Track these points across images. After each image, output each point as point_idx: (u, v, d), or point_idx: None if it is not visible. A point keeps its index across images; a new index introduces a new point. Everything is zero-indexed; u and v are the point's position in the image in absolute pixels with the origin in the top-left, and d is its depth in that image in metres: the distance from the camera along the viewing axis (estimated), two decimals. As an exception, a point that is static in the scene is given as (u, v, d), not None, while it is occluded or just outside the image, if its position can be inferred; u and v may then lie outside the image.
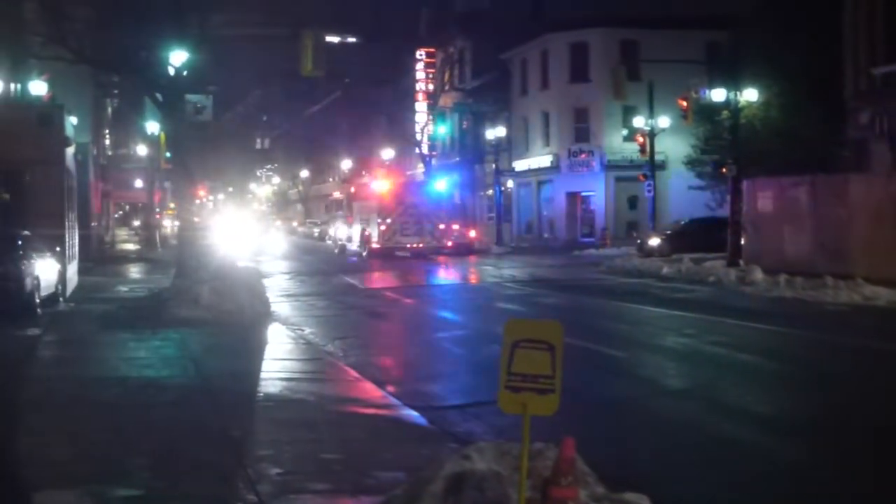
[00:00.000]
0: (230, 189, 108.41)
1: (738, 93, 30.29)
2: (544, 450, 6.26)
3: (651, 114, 39.31)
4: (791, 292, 22.34)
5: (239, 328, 16.61)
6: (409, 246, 41.48)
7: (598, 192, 48.86)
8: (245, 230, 49.97)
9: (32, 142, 21.35)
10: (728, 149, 31.69)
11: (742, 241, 28.62)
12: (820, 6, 30.44)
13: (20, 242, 18.23)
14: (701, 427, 9.56)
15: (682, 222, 39.19)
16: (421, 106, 62.78)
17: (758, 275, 24.54)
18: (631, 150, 45.02)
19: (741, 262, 27.65)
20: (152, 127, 46.61)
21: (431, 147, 60.32)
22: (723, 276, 25.67)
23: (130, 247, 51.14)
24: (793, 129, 30.61)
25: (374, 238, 41.60)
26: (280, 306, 20.82)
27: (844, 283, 21.97)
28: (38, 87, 26.91)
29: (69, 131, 23.98)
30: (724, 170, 31.32)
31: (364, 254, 42.34)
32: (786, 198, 26.35)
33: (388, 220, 41.09)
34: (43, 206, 21.45)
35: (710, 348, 14.59)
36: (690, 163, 39.24)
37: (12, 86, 26.80)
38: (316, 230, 74.58)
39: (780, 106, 31.89)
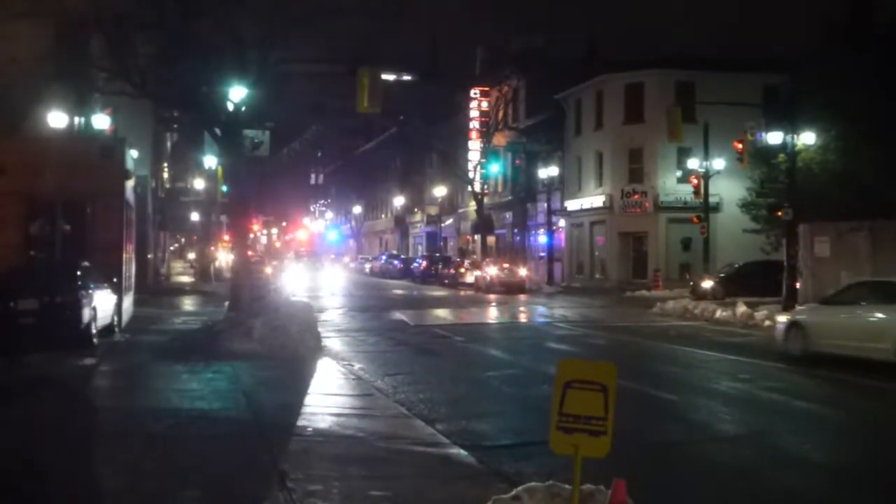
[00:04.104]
0: (284, 223, 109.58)
1: (795, 136, 29.97)
2: (595, 493, 6.19)
3: (706, 156, 39.04)
4: (848, 339, 21.85)
5: (290, 362, 16.71)
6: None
7: (651, 234, 48.54)
8: (298, 264, 50.36)
9: (94, 174, 21.80)
10: (784, 192, 31.31)
11: (798, 286, 28.21)
12: (879, 48, 30.09)
13: (79, 273, 18.54)
14: (755, 474, 9.37)
15: (737, 265, 38.71)
16: (474, 144, 63.05)
17: (814, 320, 24.07)
18: (685, 191, 44.72)
19: (797, 306, 27.22)
20: (210, 161, 47.36)
21: (484, 185, 60.48)
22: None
23: (185, 279, 51.77)
24: (851, 173, 30.15)
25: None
26: (331, 341, 20.93)
27: (904, 331, 21.47)
28: (101, 121, 27.51)
29: (130, 164, 24.47)
30: (779, 213, 30.94)
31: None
32: (843, 243, 25.98)
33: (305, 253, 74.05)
34: (102, 237, 21.85)
35: (764, 394, 14.35)
36: (745, 206, 38.81)
37: (76, 119, 27.46)
38: (367, 265, 75.02)
39: (839, 150, 31.45)
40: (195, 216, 56.99)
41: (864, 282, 20.13)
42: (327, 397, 13.47)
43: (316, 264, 76.39)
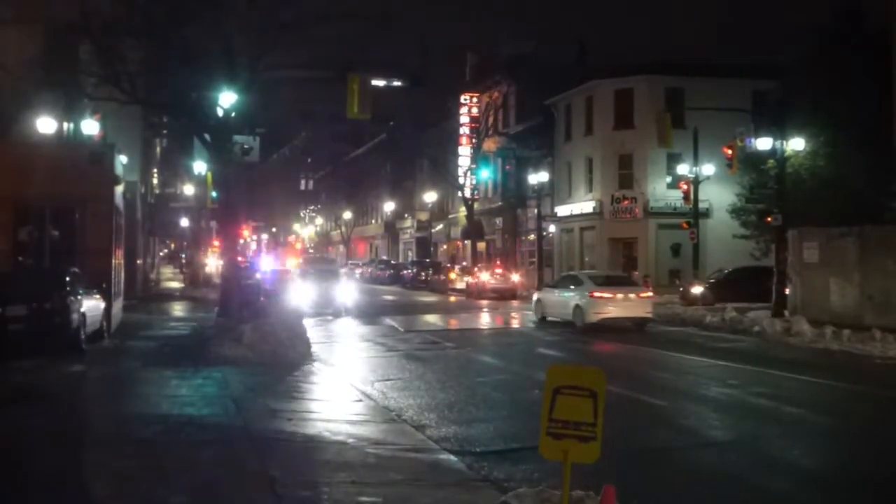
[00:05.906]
0: (273, 229, 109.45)
1: (784, 142, 30.06)
2: (585, 498, 6.20)
3: (696, 161, 39.09)
4: (837, 345, 21.98)
5: (280, 368, 16.68)
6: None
7: (640, 239, 48.60)
8: (287, 270, 50.24)
9: (83, 180, 21.77)
10: (773, 198, 31.40)
11: (787, 291, 28.27)
12: (868, 55, 30.25)
13: (68, 279, 18.48)
14: (745, 480, 9.39)
15: (726, 271, 38.77)
16: (464, 150, 63.03)
17: (803, 326, 24.19)
18: (675, 197, 44.75)
19: (786, 312, 27.30)
20: (199, 167, 47.25)
21: (474, 191, 60.53)
22: (767, 327, 25.34)
23: (175, 285, 51.62)
24: (840, 178, 30.26)
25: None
26: (321, 346, 20.88)
27: (893, 337, 21.60)
28: (90, 127, 27.42)
29: (119, 170, 24.41)
30: (769, 219, 31.03)
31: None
32: (832, 248, 26.02)
33: (301, 259, 64.29)
34: (91, 242, 21.81)
35: (754, 400, 14.38)
36: (735, 211, 38.91)
37: (65, 125, 27.38)
38: (357, 271, 74.89)
39: (828, 155, 31.57)
40: (185, 222, 56.97)
41: (564, 276, 32.99)
42: (317, 403, 13.46)
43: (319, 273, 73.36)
